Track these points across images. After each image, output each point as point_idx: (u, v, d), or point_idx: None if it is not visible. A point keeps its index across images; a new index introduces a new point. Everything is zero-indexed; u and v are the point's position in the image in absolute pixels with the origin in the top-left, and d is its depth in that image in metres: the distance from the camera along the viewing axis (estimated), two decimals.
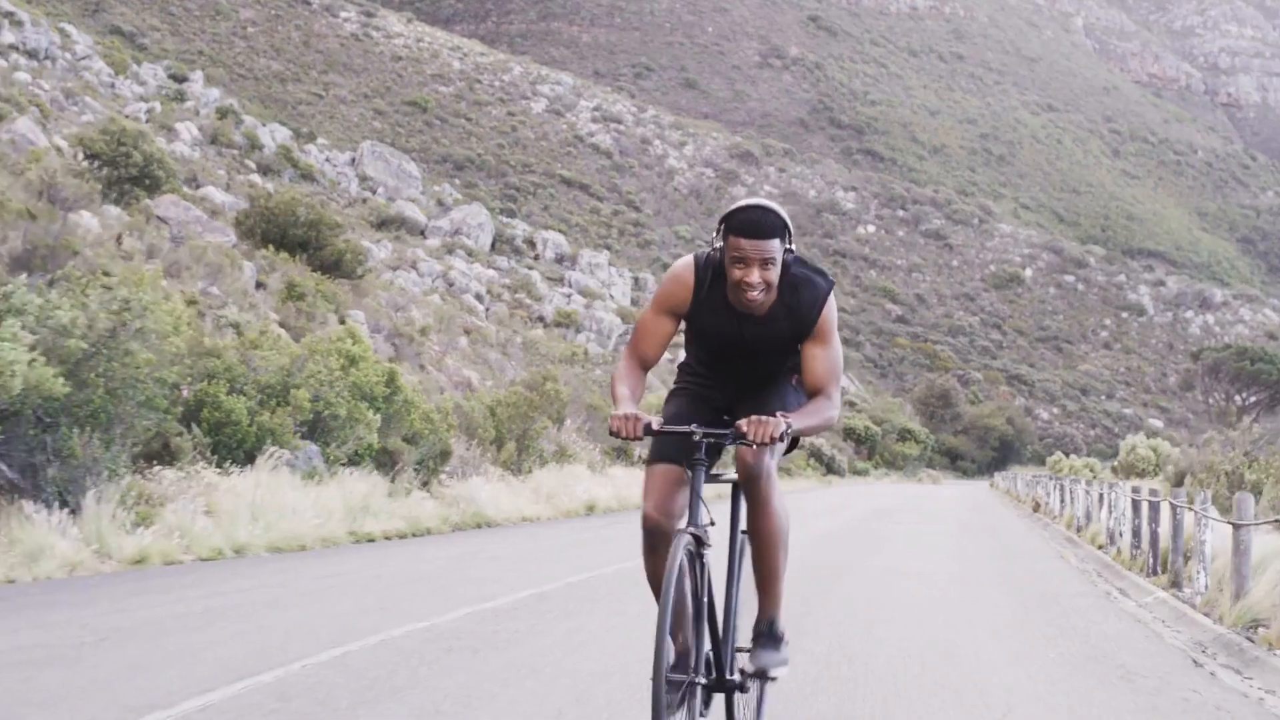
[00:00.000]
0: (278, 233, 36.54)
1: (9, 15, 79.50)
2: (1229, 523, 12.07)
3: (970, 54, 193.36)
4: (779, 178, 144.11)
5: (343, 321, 32.10)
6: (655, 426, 5.74)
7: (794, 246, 5.96)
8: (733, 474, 6.01)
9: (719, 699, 6.10)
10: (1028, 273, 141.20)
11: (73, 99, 70.22)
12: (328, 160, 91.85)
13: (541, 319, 71.91)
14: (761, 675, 6.10)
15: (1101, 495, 24.08)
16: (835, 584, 14.88)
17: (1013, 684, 8.61)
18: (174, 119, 78.38)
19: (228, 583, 13.25)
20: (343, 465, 22.27)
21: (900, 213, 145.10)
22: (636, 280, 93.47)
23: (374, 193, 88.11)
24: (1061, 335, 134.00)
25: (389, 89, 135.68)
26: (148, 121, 74.76)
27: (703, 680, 5.73)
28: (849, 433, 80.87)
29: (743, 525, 6.11)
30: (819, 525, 27.17)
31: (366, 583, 13.64)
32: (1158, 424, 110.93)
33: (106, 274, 23.14)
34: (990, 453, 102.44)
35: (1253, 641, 10.46)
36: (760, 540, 6.07)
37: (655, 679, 5.32)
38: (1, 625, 9.75)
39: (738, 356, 6.20)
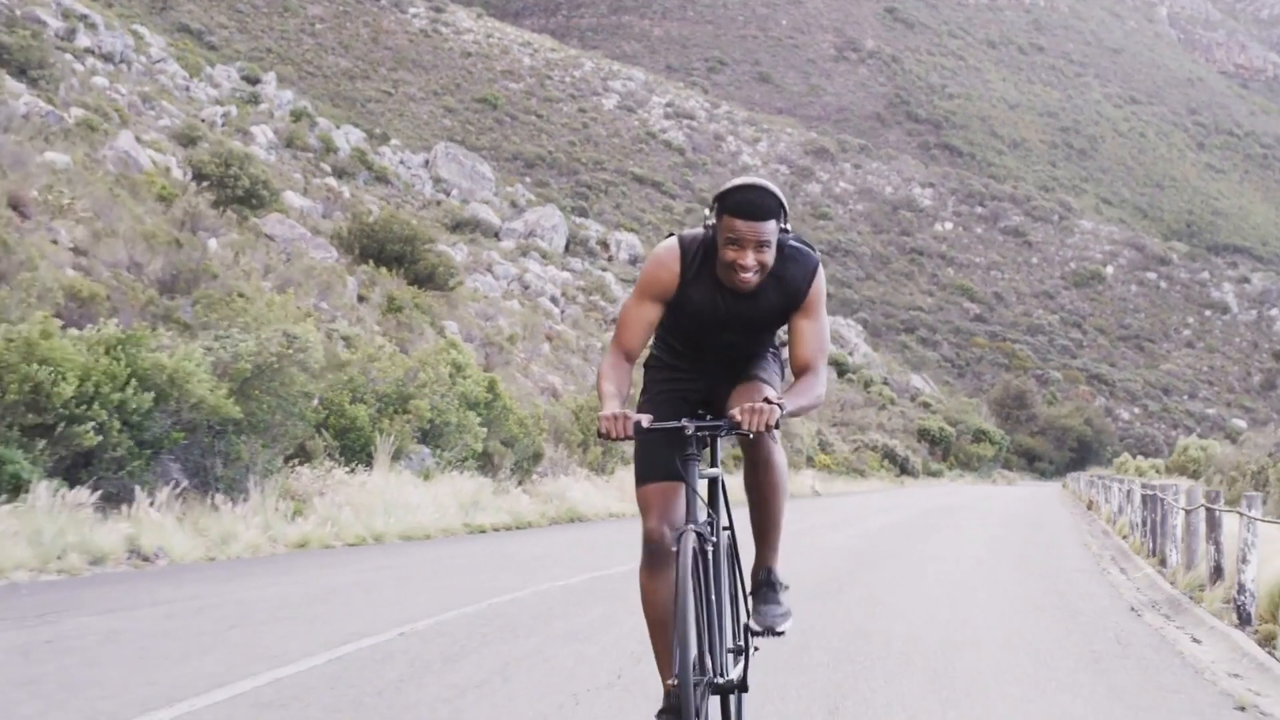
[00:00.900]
0: (375, 248, 40.65)
1: (83, 18, 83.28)
2: (1183, 508, 15.78)
3: (1051, 45, 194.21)
4: (854, 174, 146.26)
5: (440, 332, 36.11)
6: (645, 424, 5.85)
7: (789, 226, 6.06)
8: (712, 470, 6.11)
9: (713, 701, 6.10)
10: (1109, 270, 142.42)
11: (149, 103, 74.02)
12: (402, 162, 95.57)
13: (615, 321, 75.46)
14: (770, 631, 6.32)
15: (1129, 492, 27.68)
16: (875, 566, 18.64)
17: (985, 619, 12.47)
18: (249, 123, 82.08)
19: (378, 560, 17.22)
20: (450, 466, 26.24)
21: (978, 209, 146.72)
22: None
23: (448, 195, 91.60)
24: (1143, 334, 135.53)
25: (459, 86, 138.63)
26: (224, 126, 78.73)
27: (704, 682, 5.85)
28: (923, 434, 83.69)
29: (724, 521, 6.25)
30: (880, 520, 30.92)
31: (500, 560, 17.66)
32: (1241, 424, 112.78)
33: (241, 295, 27.25)
34: (1068, 454, 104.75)
35: (1192, 600, 14.20)
36: (762, 492, 6.34)
37: (683, 685, 5.54)
38: (245, 584, 13.74)
39: (721, 333, 6.27)
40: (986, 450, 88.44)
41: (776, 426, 5.77)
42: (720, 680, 5.96)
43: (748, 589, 6.44)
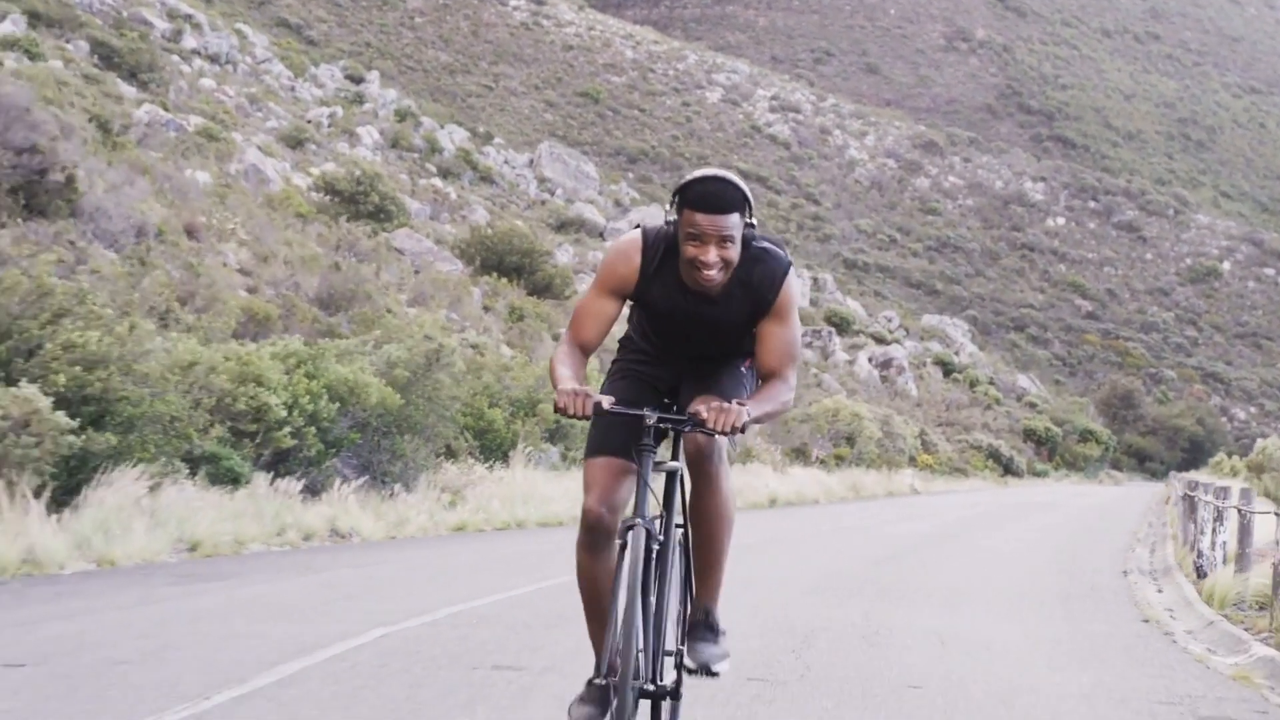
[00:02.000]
0: (495, 259, 45.63)
1: (188, 18, 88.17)
2: (1205, 501, 20.37)
3: (1168, 34, 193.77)
4: (964, 168, 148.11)
5: (557, 340, 41.01)
6: (606, 406, 5.83)
7: (755, 221, 6.01)
8: (671, 463, 6.13)
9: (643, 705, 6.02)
10: (1225, 266, 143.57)
11: (257, 105, 78.84)
12: (506, 162, 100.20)
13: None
14: (705, 670, 6.28)
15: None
16: (930, 550, 23.29)
17: (998, 576, 17.20)
18: (355, 123, 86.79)
19: (522, 541, 22.08)
20: (574, 463, 31.10)
21: (1091, 204, 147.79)
22: (815, 280, 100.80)
23: (552, 194, 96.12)
24: (1261, 331, 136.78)
25: (560, 80, 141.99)
26: (330, 127, 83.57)
27: (646, 686, 5.91)
28: (1029, 434, 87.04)
29: (678, 519, 6.26)
30: (959, 514, 35.61)
31: None
32: None
33: (389, 310, 32.29)
34: (1179, 454, 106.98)
35: (1180, 567, 18.79)
36: (706, 522, 6.27)
37: (622, 687, 5.63)
38: (430, 553, 18.67)
39: (689, 336, 6.28)
40: (1093, 450, 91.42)
41: (742, 430, 5.75)
42: (652, 687, 5.96)
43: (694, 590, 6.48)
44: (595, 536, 6.08)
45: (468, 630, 10.80)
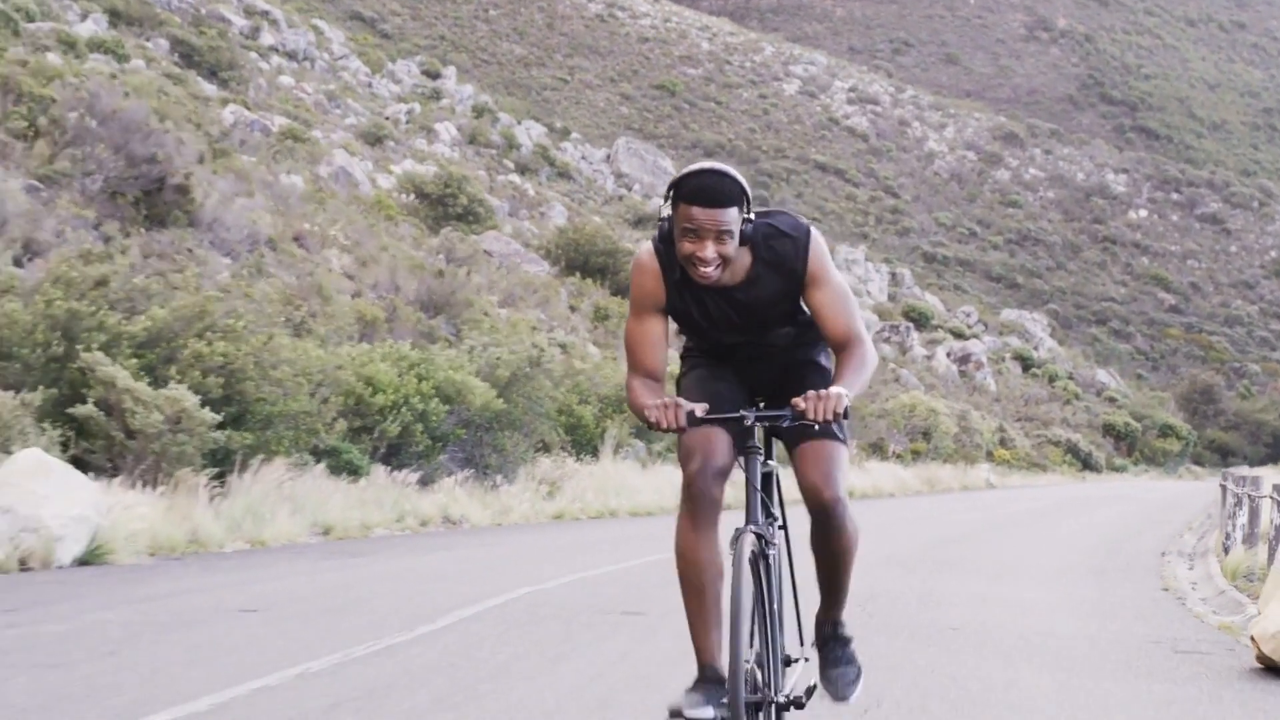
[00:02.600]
0: (580, 260, 48.36)
1: (264, 14, 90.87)
2: (1242, 493, 22.85)
3: (1253, 22, 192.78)
4: (1045, 160, 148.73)
5: None
6: (699, 413, 5.68)
7: (753, 215, 5.90)
8: (767, 464, 6.13)
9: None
10: None
11: (335, 102, 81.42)
12: (583, 158, 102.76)
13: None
14: (838, 698, 6.22)
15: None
16: (991, 534, 25.84)
17: (1045, 555, 19.75)
18: (433, 120, 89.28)
19: (617, 529, 24.76)
20: (659, 457, 33.77)
21: (1174, 196, 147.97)
22: (894, 275, 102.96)
23: (629, 190, 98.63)
24: None
25: (636, 72, 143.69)
26: (408, 124, 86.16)
27: (754, 698, 5.77)
28: (1108, 429, 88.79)
29: (778, 520, 6.24)
30: (1027, 505, 38.13)
31: None
32: None
33: (485, 314, 35.02)
34: (1263, 449, 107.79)
35: (1214, 551, 21.26)
36: (832, 558, 6.19)
37: (734, 703, 5.54)
38: (534, 539, 21.38)
39: (733, 335, 6.20)
40: (1173, 446, 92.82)
41: (846, 416, 5.65)
42: (782, 699, 5.95)
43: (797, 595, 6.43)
44: (700, 506, 5.88)
45: (595, 589, 13.55)
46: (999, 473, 63.94)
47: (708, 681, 5.84)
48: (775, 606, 6.06)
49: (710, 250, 5.74)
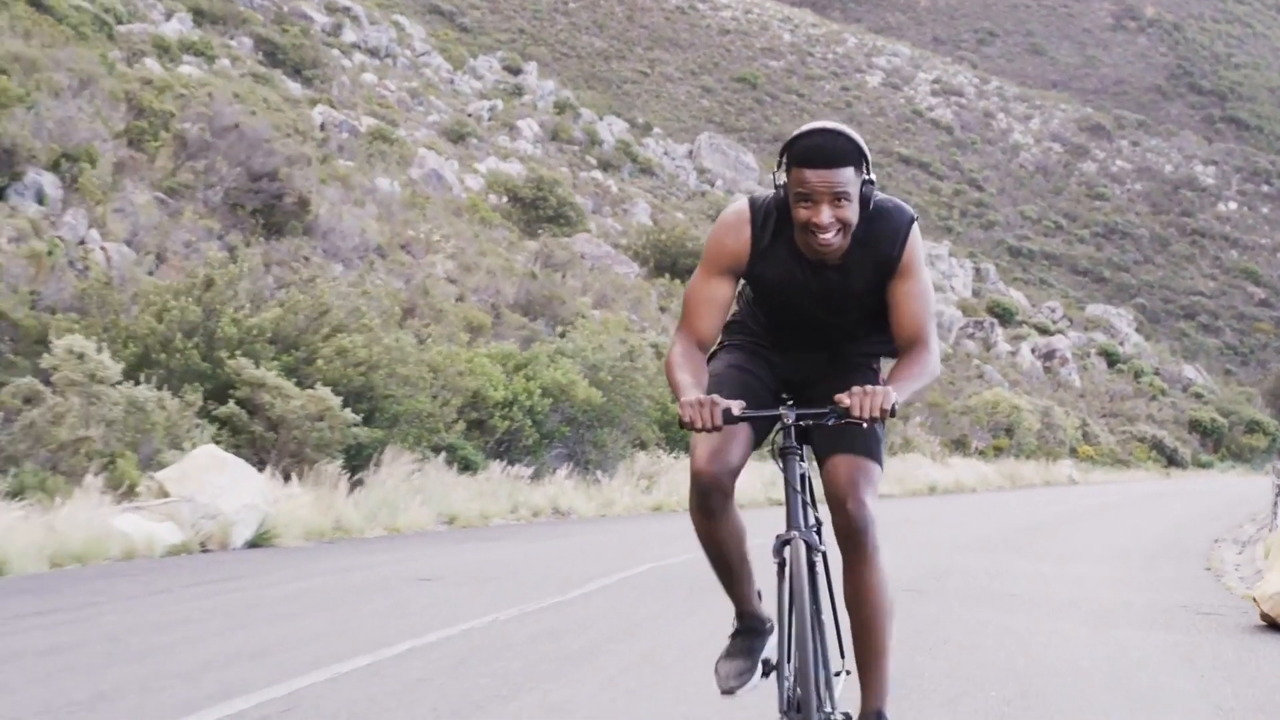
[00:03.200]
0: (669, 261, 50.95)
1: (345, 10, 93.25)
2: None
3: None
4: (1132, 152, 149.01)
5: None
6: (737, 412, 5.50)
7: (873, 177, 5.70)
8: (803, 465, 5.81)
9: None
10: None
11: (418, 99, 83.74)
12: (666, 153, 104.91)
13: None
14: None
15: None
16: (1063, 524, 28.31)
17: (1108, 542, 22.22)
18: (515, 116, 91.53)
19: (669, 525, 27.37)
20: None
21: (1265, 188, 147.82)
22: (978, 270, 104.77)
23: (712, 185, 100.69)
24: None
25: (717, 65, 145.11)
26: (490, 120, 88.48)
27: None
28: (1194, 425, 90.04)
29: (818, 523, 5.98)
30: (1105, 500, 40.52)
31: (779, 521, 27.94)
32: None
33: (582, 316, 37.63)
34: None
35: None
36: (865, 606, 5.87)
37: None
38: (641, 526, 23.97)
39: (810, 316, 6.00)
40: (1259, 441, 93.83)
41: (892, 414, 5.41)
42: (839, 717, 5.77)
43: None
44: (709, 499, 5.84)
45: (690, 567, 16.14)
46: (1082, 469, 65.73)
47: (747, 632, 6.13)
48: (825, 616, 5.79)
49: (827, 215, 5.54)
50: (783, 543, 5.69)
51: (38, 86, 31.75)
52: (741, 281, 6.06)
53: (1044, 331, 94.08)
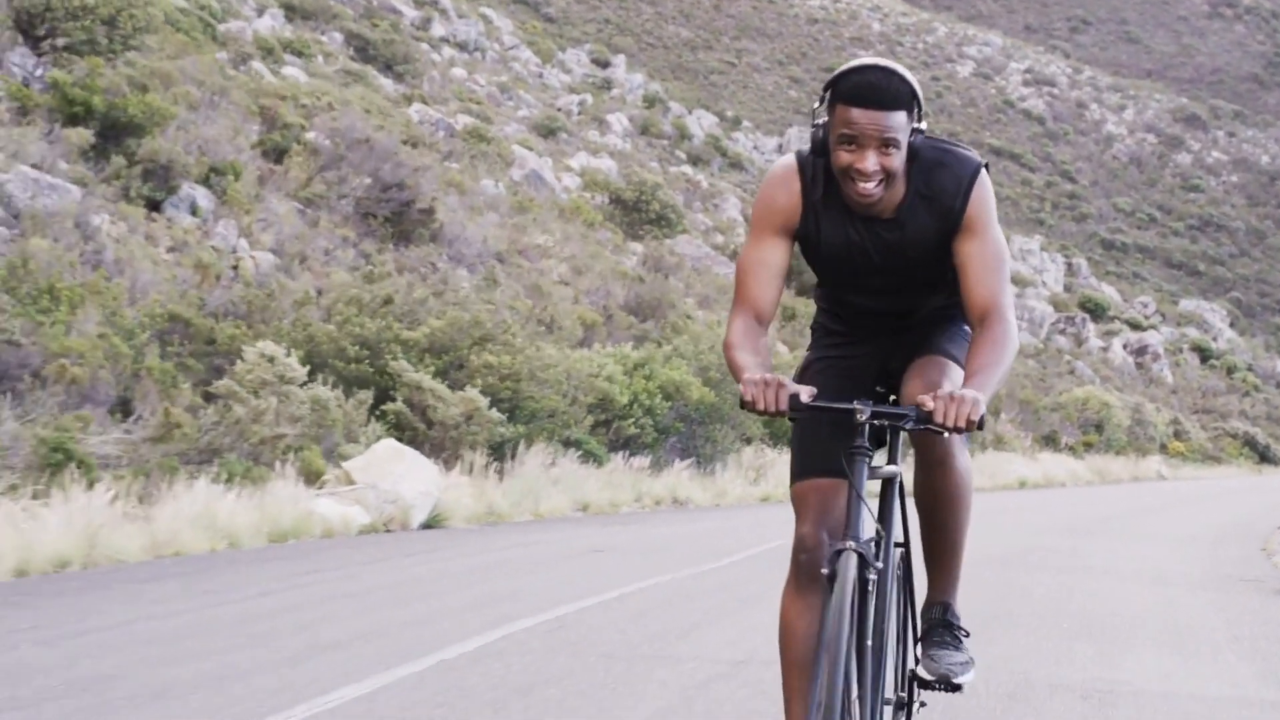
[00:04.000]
0: None
1: (434, 3, 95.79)
2: None
3: None
4: (1229, 143, 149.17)
5: None
6: (805, 399, 5.14)
7: (925, 126, 5.48)
8: (888, 468, 5.49)
9: None
10: None
11: (507, 94, 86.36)
12: (755, 147, 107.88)
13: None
14: (944, 683, 5.77)
15: None
16: (1141, 513, 31.59)
17: (1178, 529, 25.45)
18: (604, 110, 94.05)
19: (784, 512, 30.73)
20: None
21: None
22: (1070, 265, 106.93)
23: None
24: None
25: (805, 55, 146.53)
26: (579, 115, 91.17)
27: None
28: None
29: (898, 535, 5.72)
30: (1186, 493, 43.69)
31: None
32: None
33: (688, 317, 41.00)
34: None
35: None
36: (940, 506, 5.73)
37: None
38: (753, 513, 27.33)
39: (868, 279, 5.66)
40: None
41: (980, 427, 5.01)
42: None
43: (918, 625, 5.95)
44: (808, 574, 5.51)
45: None
46: (1172, 465, 68.11)
47: None
48: (879, 641, 5.38)
49: (871, 161, 5.23)
50: (835, 553, 5.22)
51: (175, 100, 35.09)
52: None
53: (1136, 327, 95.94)
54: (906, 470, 5.62)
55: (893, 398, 5.87)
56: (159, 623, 11.06)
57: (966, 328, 5.76)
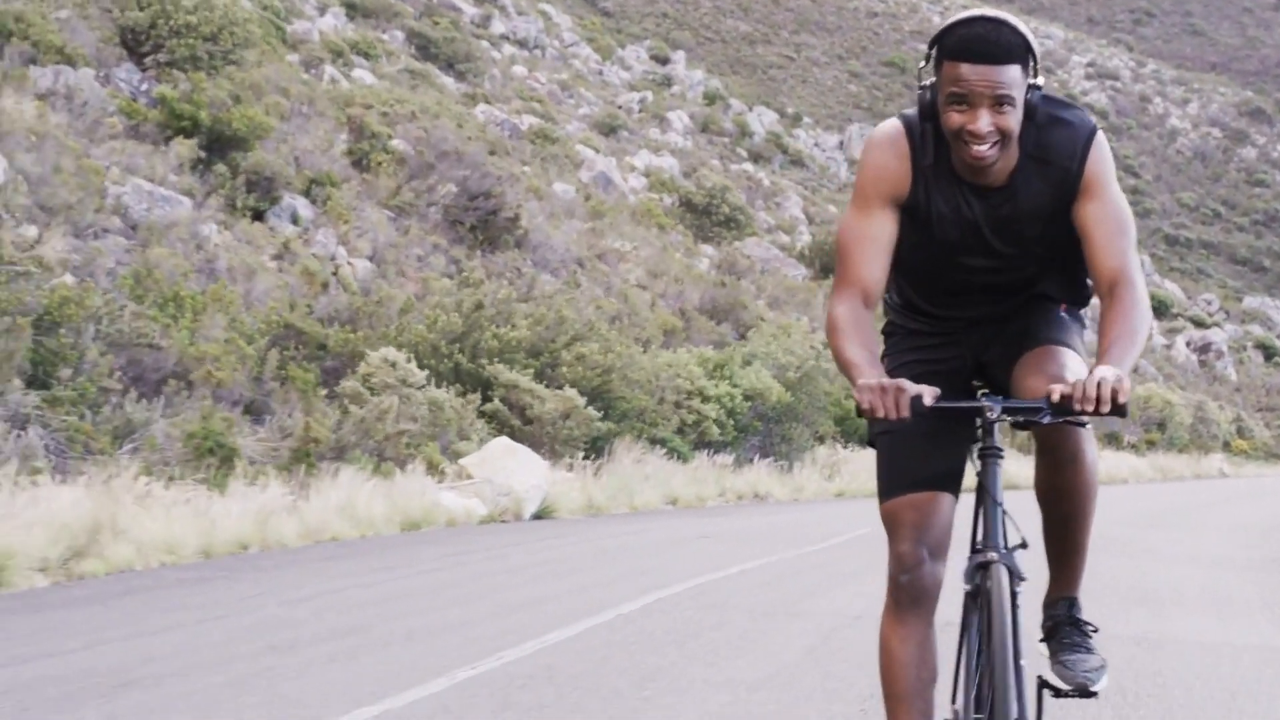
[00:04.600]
0: (834, 263, 56.55)
1: (493, 0, 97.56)
2: None
3: None
4: None
5: None
6: (929, 401, 4.80)
7: (1041, 81, 5.10)
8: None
9: None
10: None
11: (568, 92, 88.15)
12: (816, 144, 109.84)
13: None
14: (1081, 691, 5.47)
15: None
16: (1199, 508, 34.02)
17: (1233, 520, 27.91)
18: (665, 108, 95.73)
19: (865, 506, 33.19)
20: None
21: None
22: None
23: None
24: None
25: (864, 49, 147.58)
26: (640, 112, 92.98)
27: None
28: None
29: (1025, 543, 5.15)
30: (1245, 489, 46.13)
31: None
32: None
33: (761, 320, 43.44)
34: None
35: None
36: (1068, 499, 5.41)
37: None
38: (831, 507, 29.84)
39: (975, 258, 5.34)
40: None
41: (1123, 411, 4.66)
42: None
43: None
44: (909, 596, 5.24)
45: None
46: (1234, 463, 69.88)
47: None
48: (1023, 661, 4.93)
49: (985, 121, 4.95)
50: (979, 566, 5.02)
51: (267, 111, 37.52)
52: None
53: (1200, 324, 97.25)
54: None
55: (982, 394, 5.42)
56: (364, 590, 13.62)
57: (1064, 314, 5.59)
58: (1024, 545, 5.08)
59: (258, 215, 32.58)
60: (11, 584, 13.42)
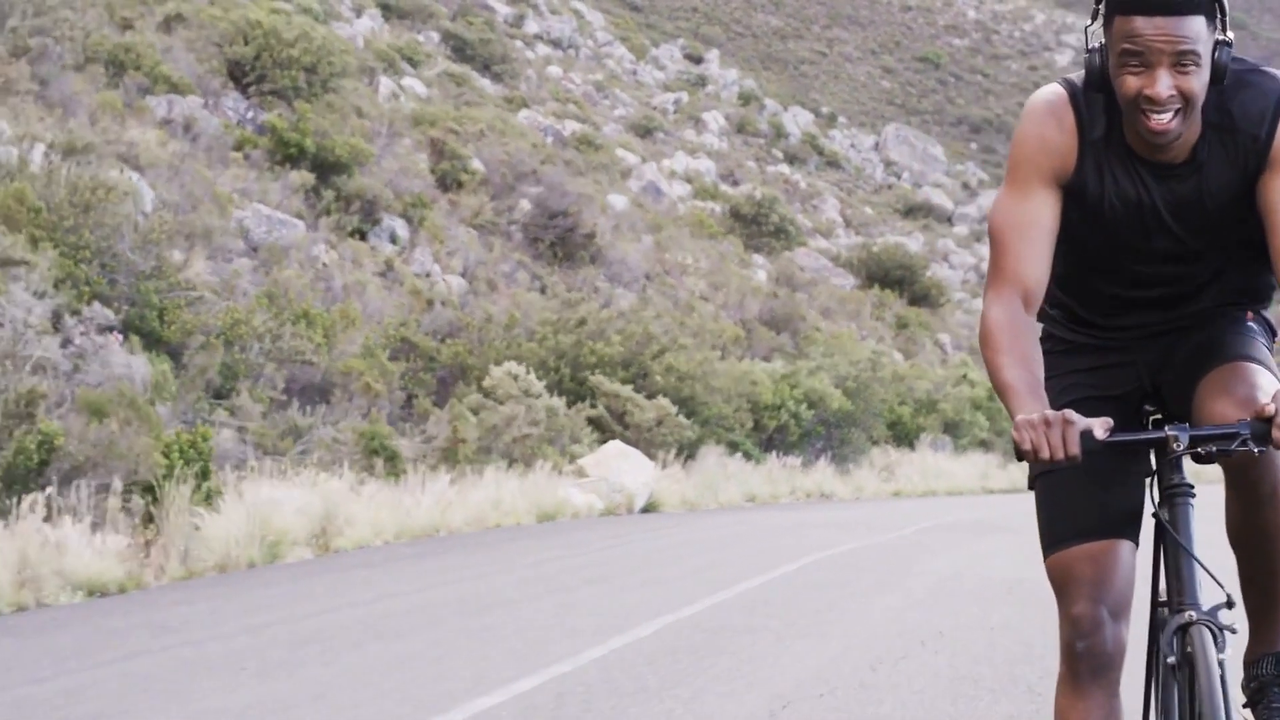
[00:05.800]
0: (880, 273, 61.70)
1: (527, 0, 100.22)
2: None
3: None
4: None
5: (937, 345, 57.04)
6: (1101, 435, 4.24)
7: (1231, 37, 4.44)
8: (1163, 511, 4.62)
9: None
10: None
11: (603, 92, 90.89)
12: (852, 145, 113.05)
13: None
14: None
15: None
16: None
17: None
18: (700, 109, 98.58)
19: (941, 501, 38.02)
20: (965, 448, 46.93)
21: None
22: None
23: (899, 178, 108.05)
24: None
25: (898, 44, 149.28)
26: (675, 114, 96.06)
27: None
28: None
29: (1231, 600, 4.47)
30: None
31: (987, 505, 38.52)
32: None
33: (817, 329, 48.41)
34: None
35: None
36: (1270, 542, 4.75)
37: None
38: (890, 505, 34.82)
39: (1151, 247, 4.72)
40: None
41: None
42: None
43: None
44: (1094, 664, 4.66)
45: (978, 520, 26.89)
46: None
47: None
48: None
49: (1164, 83, 4.28)
50: (1180, 629, 4.45)
51: (353, 133, 41.99)
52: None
53: None
54: None
55: (1150, 421, 5.04)
56: (546, 566, 18.45)
57: (1251, 323, 4.94)
58: (1230, 604, 4.47)
59: (360, 235, 36.89)
60: (284, 556, 18.42)
